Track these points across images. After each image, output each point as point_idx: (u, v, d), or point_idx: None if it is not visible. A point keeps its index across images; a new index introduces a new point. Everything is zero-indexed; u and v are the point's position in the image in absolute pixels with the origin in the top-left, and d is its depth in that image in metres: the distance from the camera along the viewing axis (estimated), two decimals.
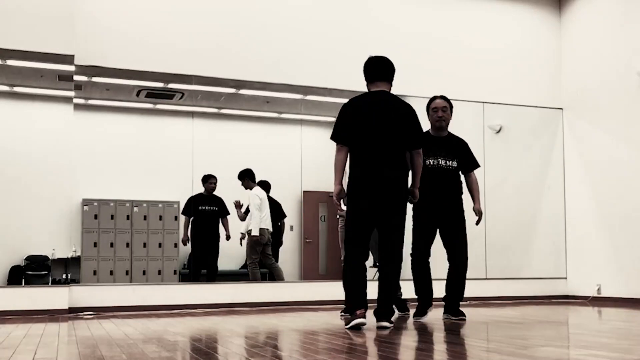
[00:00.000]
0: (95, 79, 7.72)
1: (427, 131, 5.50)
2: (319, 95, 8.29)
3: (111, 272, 7.99)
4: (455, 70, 8.45)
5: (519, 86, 8.88)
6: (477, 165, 5.67)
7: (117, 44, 7.20)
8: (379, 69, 4.88)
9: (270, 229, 8.01)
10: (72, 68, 6.95)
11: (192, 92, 8.05)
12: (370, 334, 4.32)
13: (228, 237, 8.12)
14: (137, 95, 8.24)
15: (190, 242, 8.05)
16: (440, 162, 5.42)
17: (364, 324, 4.50)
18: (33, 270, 7.16)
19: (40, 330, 4.85)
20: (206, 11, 7.58)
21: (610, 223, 8.20)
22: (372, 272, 9.01)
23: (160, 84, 8.02)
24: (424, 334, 4.45)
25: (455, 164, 5.49)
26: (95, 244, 7.96)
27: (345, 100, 4.88)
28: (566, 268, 8.80)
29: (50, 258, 7.26)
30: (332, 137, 4.74)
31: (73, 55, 6.84)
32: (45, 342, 4.05)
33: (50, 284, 7.09)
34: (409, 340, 4.07)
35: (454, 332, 4.53)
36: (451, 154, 5.49)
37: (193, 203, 8.00)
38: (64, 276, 7.23)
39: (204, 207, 8.06)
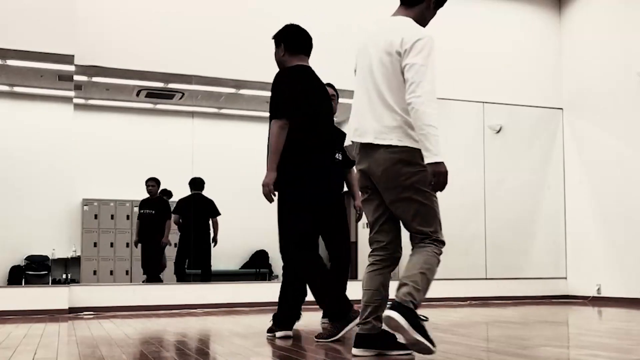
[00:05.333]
0: (95, 79, 7.72)
1: None
2: None
3: (111, 272, 7.99)
4: (456, 70, 8.44)
5: (519, 86, 8.88)
6: None
7: (117, 44, 7.20)
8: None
9: None
10: (72, 68, 6.95)
11: (192, 92, 8.05)
12: None
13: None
14: (137, 95, 8.24)
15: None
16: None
17: None
18: (33, 270, 7.16)
19: (40, 330, 4.85)
20: (206, 11, 7.58)
21: (610, 223, 8.20)
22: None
23: (160, 84, 8.02)
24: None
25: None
26: (95, 244, 7.96)
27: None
28: (566, 268, 8.80)
29: (50, 258, 7.26)
30: None
31: (73, 55, 6.84)
32: (45, 342, 4.05)
33: (50, 284, 7.09)
34: None
35: (453, 332, 4.53)
36: None
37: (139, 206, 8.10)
38: (64, 276, 7.23)
39: (144, 211, 8.09)
